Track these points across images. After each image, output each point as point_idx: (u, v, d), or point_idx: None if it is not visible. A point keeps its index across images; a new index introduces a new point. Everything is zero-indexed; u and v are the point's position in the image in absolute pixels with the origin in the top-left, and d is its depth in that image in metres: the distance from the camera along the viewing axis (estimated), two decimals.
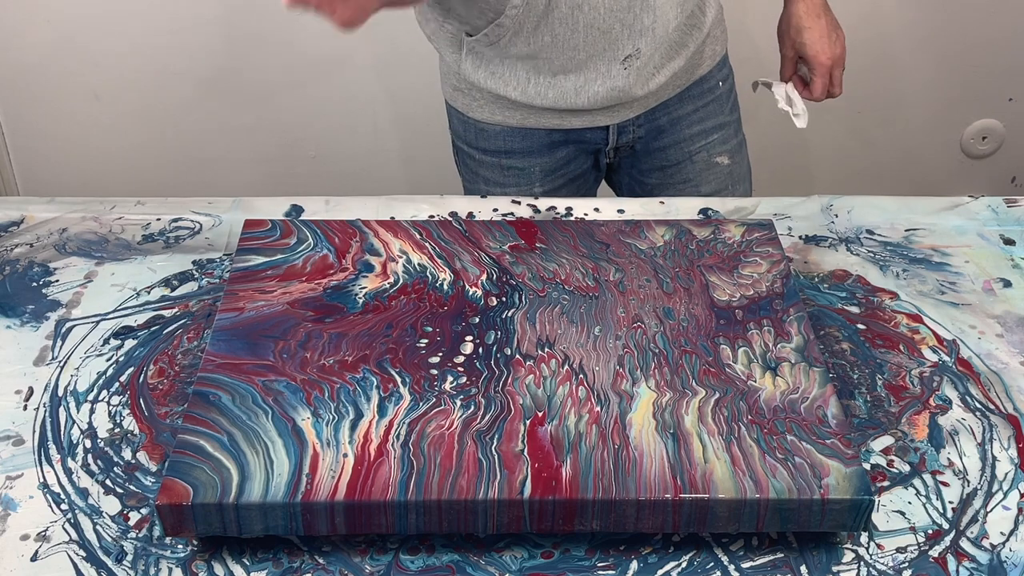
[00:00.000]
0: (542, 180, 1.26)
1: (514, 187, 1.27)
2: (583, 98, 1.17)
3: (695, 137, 1.26)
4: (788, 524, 0.74)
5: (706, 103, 1.26)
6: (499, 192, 1.28)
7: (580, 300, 0.90)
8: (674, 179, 1.29)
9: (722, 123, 1.28)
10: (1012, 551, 0.76)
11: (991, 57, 1.89)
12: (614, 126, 1.23)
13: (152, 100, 1.85)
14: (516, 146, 1.24)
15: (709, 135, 1.27)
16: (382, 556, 0.76)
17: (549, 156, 1.25)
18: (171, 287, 1.01)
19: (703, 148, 1.27)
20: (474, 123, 1.24)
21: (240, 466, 0.74)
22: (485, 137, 1.25)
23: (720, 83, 1.27)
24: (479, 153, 1.27)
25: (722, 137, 1.28)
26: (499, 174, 1.27)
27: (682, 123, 1.25)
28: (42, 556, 0.75)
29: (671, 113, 1.24)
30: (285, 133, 1.91)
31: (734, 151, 1.30)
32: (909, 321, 0.97)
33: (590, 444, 0.76)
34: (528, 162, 1.25)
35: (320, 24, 1.92)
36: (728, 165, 1.29)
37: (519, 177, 1.26)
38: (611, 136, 1.24)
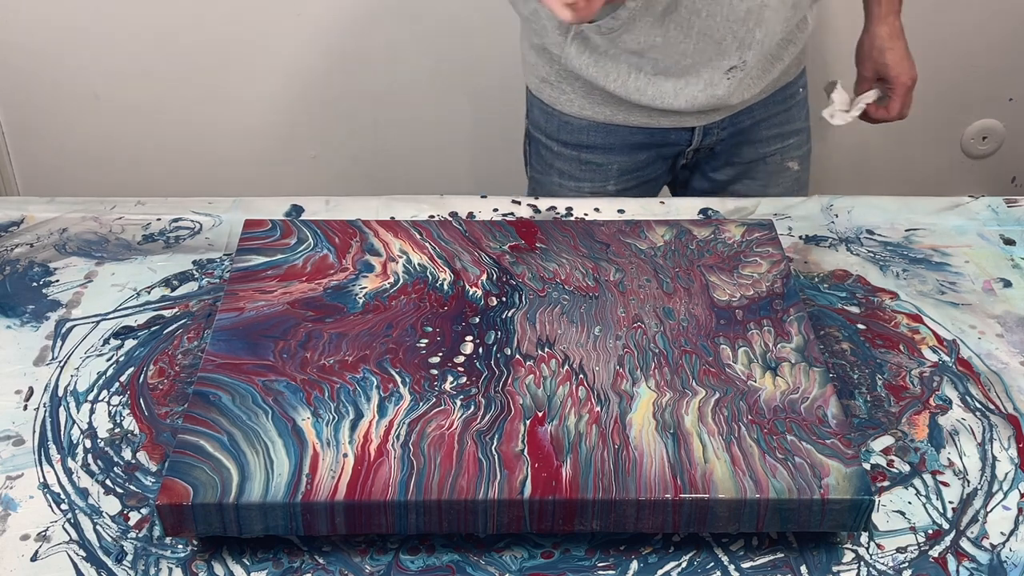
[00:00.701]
0: (617, 179, 1.27)
1: (588, 182, 1.27)
2: (681, 100, 1.17)
3: (771, 140, 1.27)
4: (788, 524, 0.74)
5: (787, 108, 1.27)
6: (572, 186, 1.28)
7: (580, 300, 0.90)
8: (743, 177, 1.29)
9: (798, 129, 1.29)
10: (1012, 551, 0.76)
11: (991, 57, 1.89)
12: (700, 128, 1.23)
13: (152, 100, 1.85)
14: (598, 142, 1.24)
15: (786, 139, 1.28)
16: (382, 556, 0.76)
17: (629, 156, 1.25)
18: (171, 287, 1.01)
19: (777, 152, 1.28)
20: (558, 115, 1.24)
21: (240, 466, 0.74)
22: (568, 130, 1.25)
23: (801, 89, 1.28)
24: (558, 145, 1.27)
25: (797, 143, 1.30)
26: (576, 168, 1.27)
27: (762, 125, 1.26)
28: (42, 556, 0.75)
29: (755, 116, 1.25)
30: (285, 133, 1.91)
31: (804, 158, 1.32)
32: (909, 321, 0.97)
33: (590, 444, 0.76)
34: (607, 159, 1.25)
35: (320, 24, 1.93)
36: (797, 171, 1.30)
37: (595, 173, 1.26)
38: (695, 138, 1.24)
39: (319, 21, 1.79)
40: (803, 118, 1.30)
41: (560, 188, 1.29)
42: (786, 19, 1.15)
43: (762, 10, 1.11)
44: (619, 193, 1.28)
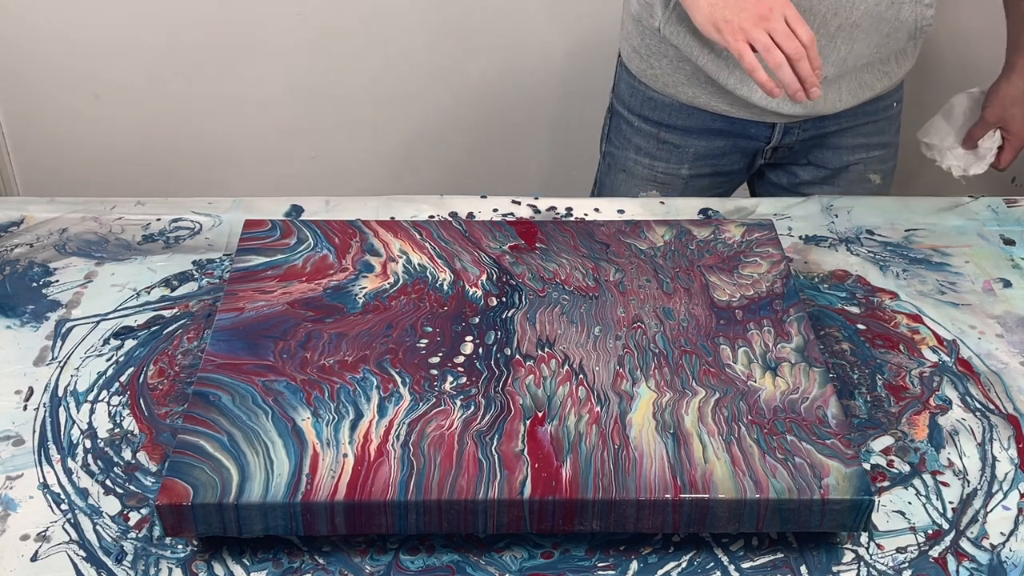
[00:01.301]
0: (692, 162, 1.27)
1: (663, 162, 1.27)
2: (758, 94, 1.17)
3: (857, 149, 1.27)
4: (788, 524, 0.74)
5: (878, 120, 1.27)
6: (646, 163, 1.28)
7: (580, 300, 0.90)
8: (824, 182, 1.29)
9: (886, 143, 1.29)
10: (1012, 551, 0.76)
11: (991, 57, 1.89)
12: (781, 124, 1.23)
13: (152, 100, 1.85)
14: (679, 122, 1.24)
15: (871, 151, 1.28)
16: (382, 556, 0.76)
17: (707, 141, 1.25)
18: (171, 287, 1.01)
19: (861, 162, 1.28)
20: (644, 89, 1.25)
21: (240, 466, 0.74)
22: (651, 106, 1.25)
23: (895, 104, 1.28)
24: (639, 120, 1.27)
25: (882, 156, 1.29)
26: (654, 145, 1.27)
27: (847, 132, 1.26)
28: (42, 556, 0.75)
29: (840, 123, 1.24)
30: (285, 133, 1.91)
31: (887, 173, 1.31)
32: (909, 321, 0.97)
33: (590, 444, 0.76)
34: (685, 140, 1.25)
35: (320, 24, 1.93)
36: (879, 185, 1.30)
37: (671, 153, 1.27)
38: (775, 135, 1.24)
39: (319, 21, 1.79)
40: (892, 132, 1.30)
41: (635, 165, 1.29)
42: (877, 46, 1.15)
43: (853, 30, 1.11)
44: (692, 179, 1.27)
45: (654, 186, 1.29)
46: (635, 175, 1.29)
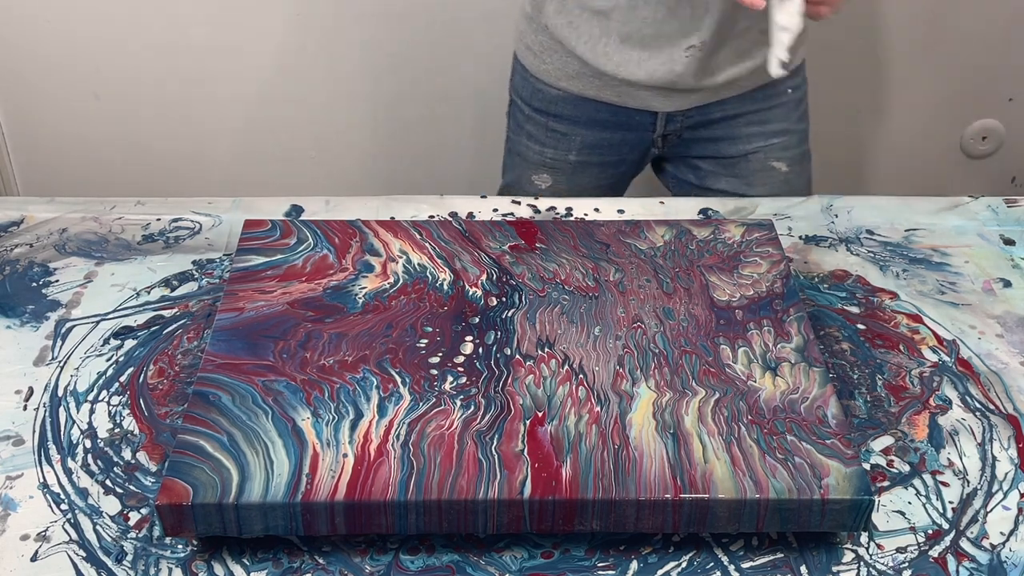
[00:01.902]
0: (579, 151, 1.32)
1: (552, 148, 1.33)
2: (642, 72, 1.22)
3: (753, 137, 1.29)
4: (788, 524, 0.74)
5: (771, 107, 1.28)
6: (536, 149, 1.34)
7: (580, 300, 0.90)
8: (727, 172, 1.31)
9: (784, 129, 1.30)
10: (1012, 551, 0.76)
11: (991, 57, 1.89)
12: (663, 114, 1.27)
13: (152, 100, 1.85)
14: (565, 112, 1.30)
15: (768, 138, 1.29)
16: (382, 556, 0.76)
17: (592, 131, 1.30)
18: (171, 287, 1.01)
19: (761, 150, 1.29)
20: (533, 81, 1.31)
21: (240, 466, 0.74)
22: (540, 97, 1.31)
23: (790, 90, 1.29)
24: (529, 109, 1.33)
25: (783, 143, 1.30)
26: (543, 133, 1.33)
27: (740, 121, 1.28)
28: (42, 556, 0.75)
29: (727, 110, 1.27)
30: (285, 133, 1.91)
31: (794, 160, 1.32)
32: (909, 321, 0.97)
33: (590, 444, 0.76)
34: (572, 129, 1.31)
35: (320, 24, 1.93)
36: (786, 172, 1.31)
37: (559, 141, 1.32)
38: (659, 124, 1.28)
39: (319, 21, 1.79)
40: (793, 120, 1.30)
41: (527, 150, 1.36)
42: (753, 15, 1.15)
43: None
44: (580, 164, 1.33)
45: (545, 170, 1.35)
46: (528, 159, 1.36)
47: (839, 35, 1.84)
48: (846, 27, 1.84)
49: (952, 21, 1.84)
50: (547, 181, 1.35)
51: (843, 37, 1.84)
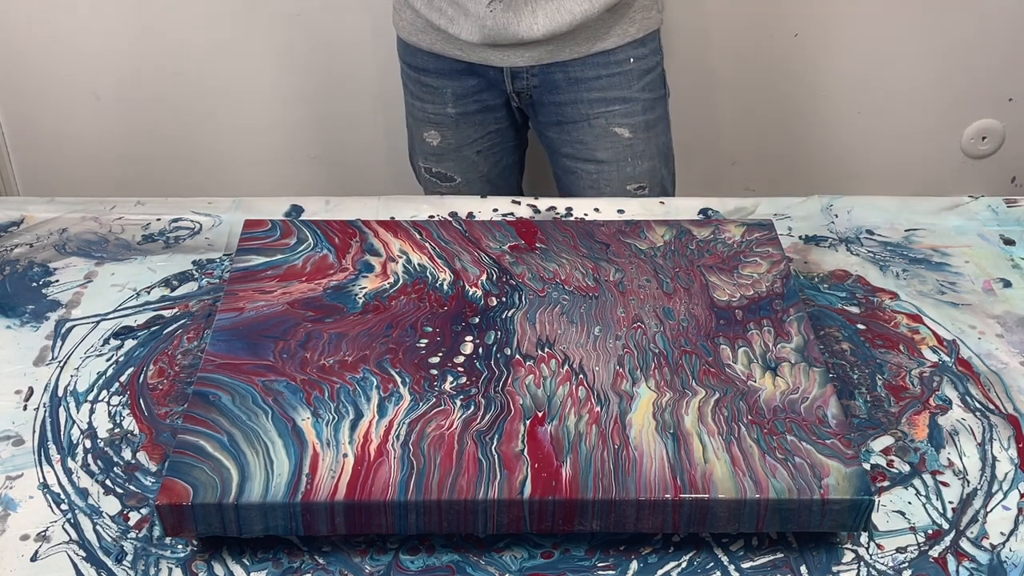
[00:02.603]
0: (454, 102, 1.38)
1: (431, 103, 1.40)
2: (463, 31, 1.28)
3: (594, 103, 1.34)
4: (788, 524, 0.74)
5: (611, 74, 1.33)
6: (419, 106, 1.42)
7: (580, 300, 0.90)
8: (571, 137, 1.37)
9: (626, 97, 1.34)
10: (1012, 551, 0.76)
11: (991, 57, 1.89)
12: (507, 69, 1.32)
13: (152, 100, 1.85)
14: (431, 66, 1.37)
15: (610, 104, 1.34)
16: (382, 556, 0.76)
17: (459, 81, 1.36)
18: (171, 287, 1.01)
19: (602, 115, 1.34)
20: (403, 41, 1.38)
21: (240, 466, 0.74)
22: (411, 53, 1.39)
23: (632, 59, 1.33)
24: (407, 68, 1.42)
25: (624, 111, 1.34)
26: (420, 89, 1.41)
27: (581, 86, 1.33)
28: (42, 556, 0.75)
29: (568, 73, 1.32)
30: (285, 133, 1.91)
31: (639, 128, 1.36)
32: (909, 321, 0.97)
33: (590, 444, 0.76)
34: (441, 83, 1.37)
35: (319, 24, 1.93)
36: (629, 139, 1.35)
37: (434, 95, 1.39)
38: (506, 79, 1.34)
39: (319, 21, 1.79)
40: (636, 88, 1.34)
41: (412, 107, 1.44)
42: None
43: None
44: (461, 116, 1.39)
45: (432, 126, 1.42)
46: (416, 117, 1.44)
47: (839, 35, 1.84)
48: (846, 27, 1.84)
49: (952, 21, 1.84)
50: (436, 137, 1.41)
51: (843, 37, 1.84)
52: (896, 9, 1.83)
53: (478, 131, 1.41)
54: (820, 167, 2.01)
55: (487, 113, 1.40)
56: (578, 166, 1.38)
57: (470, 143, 1.42)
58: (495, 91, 1.37)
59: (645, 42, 1.34)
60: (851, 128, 1.97)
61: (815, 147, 1.99)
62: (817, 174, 2.02)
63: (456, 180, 1.46)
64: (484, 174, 1.46)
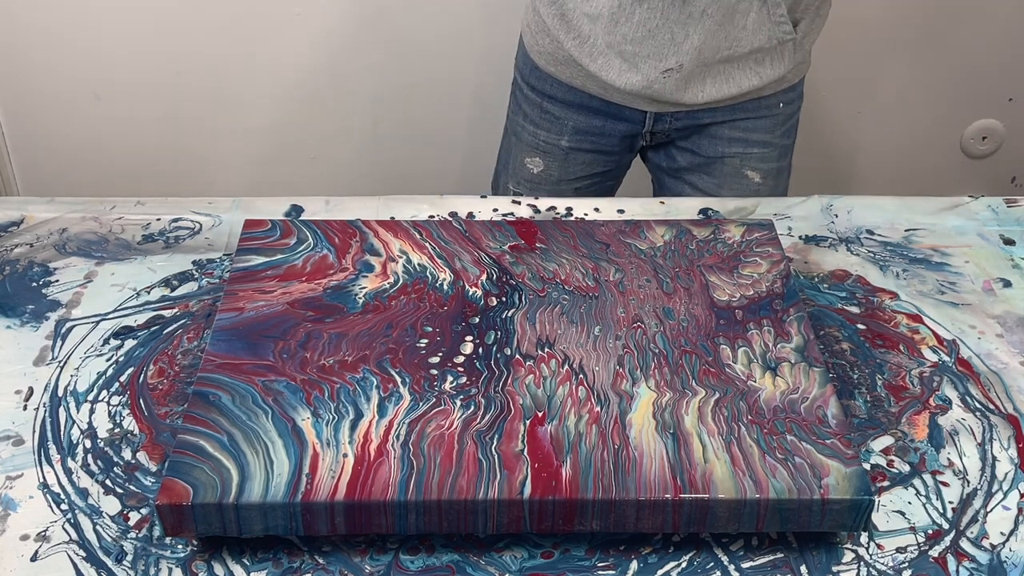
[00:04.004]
0: (571, 135, 1.33)
1: (545, 131, 1.35)
2: (622, 82, 1.24)
3: (734, 142, 1.29)
4: (788, 524, 0.74)
5: (759, 116, 1.29)
6: (531, 130, 1.36)
7: (580, 300, 0.90)
8: (701, 168, 1.32)
9: (767, 141, 1.30)
10: (1012, 551, 0.76)
11: (991, 57, 1.89)
12: (651, 113, 1.28)
13: (152, 100, 1.85)
14: (559, 94, 1.31)
15: (749, 147, 1.30)
16: (382, 556, 0.76)
17: (584, 117, 1.31)
18: (171, 287, 1.01)
19: (738, 156, 1.30)
20: (532, 61, 1.33)
21: (240, 466, 0.74)
22: (537, 76, 1.33)
23: (781, 104, 1.30)
24: (527, 88, 1.35)
25: (762, 155, 1.31)
26: (537, 113, 1.35)
27: (725, 125, 1.29)
28: (42, 556, 0.75)
29: (716, 116, 1.28)
30: (285, 133, 1.91)
31: (769, 174, 1.32)
32: (909, 321, 0.97)
33: (590, 444, 0.76)
34: (564, 113, 1.32)
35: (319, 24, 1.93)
36: (758, 184, 1.31)
37: (552, 123, 1.34)
38: (648, 121, 1.29)
39: (319, 21, 1.79)
40: (778, 134, 1.31)
41: (522, 130, 1.38)
42: (729, 38, 1.19)
43: (703, 18, 1.17)
44: (572, 151, 1.34)
45: (537, 153, 1.37)
46: (522, 140, 1.38)
47: (839, 35, 1.84)
48: (846, 27, 1.84)
49: (952, 21, 1.84)
50: (539, 165, 1.37)
51: (843, 37, 1.84)
52: (896, 10, 1.83)
53: (584, 169, 1.36)
54: (820, 167, 2.02)
55: (599, 154, 1.35)
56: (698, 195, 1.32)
57: (571, 179, 1.37)
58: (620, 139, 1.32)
59: (796, 87, 1.31)
60: (851, 128, 1.97)
61: (815, 147, 1.99)
62: (817, 174, 2.02)
63: None
64: None
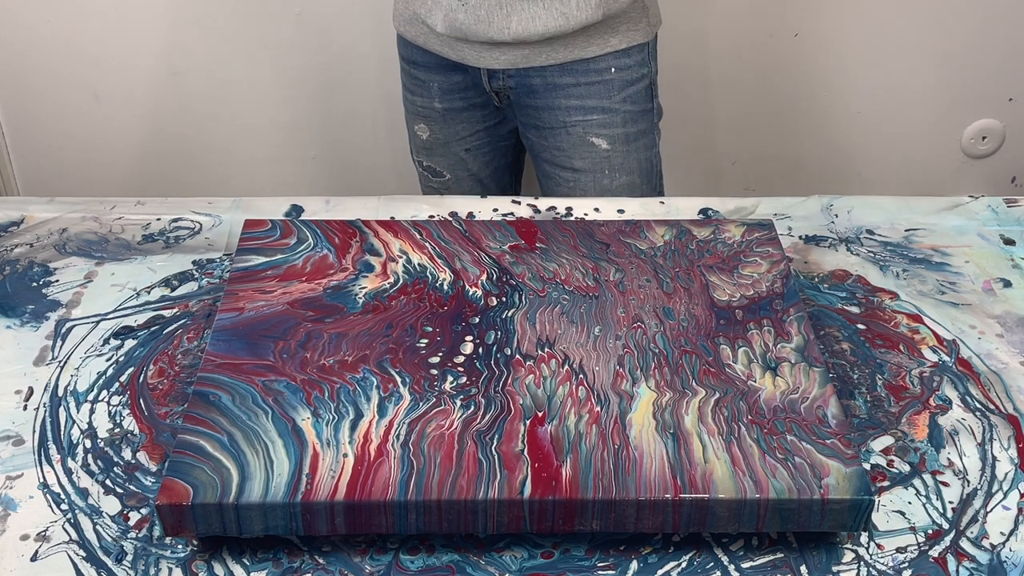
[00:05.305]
0: (440, 97, 1.39)
1: (420, 96, 1.41)
2: (437, 20, 1.28)
3: (572, 110, 1.33)
4: (788, 524, 0.74)
5: (591, 82, 1.32)
6: (409, 98, 1.43)
7: (580, 300, 0.90)
8: (548, 142, 1.36)
9: (605, 107, 1.33)
10: (1012, 551, 0.76)
11: (991, 57, 1.89)
12: (484, 70, 1.32)
13: (152, 100, 1.85)
14: (420, 59, 1.38)
15: (588, 113, 1.33)
16: (382, 556, 0.76)
17: (445, 76, 1.37)
18: (171, 287, 1.01)
19: (579, 124, 1.33)
20: (398, 33, 1.40)
21: (240, 466, 0.74)
22: (403, 45, 1.41)
23: (613, 69, 1.32)
24: (401, 60, 1.43)
25: (602, 120, 1.33)
26: (410, 82, 1.42)
27: (559, 92, 1.32)
28: (42, 556, 0.75)
29: (546, 78, 1.32)
30: (285, 133, 1.91)
31: (617, 139, 1.34)
32: (909, 321, 0.97)
33: (590, 444, 0.76)
34: (428, 76, 1.38)
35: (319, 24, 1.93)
36: (607, 150, 1.34)
37: (422, 88, 1.40)
38: (483, 79, 1.34)
39: (319, 21, 1.79)
40: (617, 99, 1.33)
41: (407, 101, 1.45)
42: None
43: None
44: (448, 112, 1.40)
45: (421, 120, 1.43)
46: (409, 111, 1.45)
47: (838, 35, 1.84)
48: (846, 27, 1.84)
49: (952, 21, 1.84)
50: (425, 131, 1.42)
51: (843, 37, 1.84)
52: (896, 9, 1.83)
53: (465, 128, 1.41)
54: (820, 167, 2.01)
55: (473, 111, 1.39)
56: (556, 172, 1.38)
57: (458, 139, 1.42)
58: (474, 91, 1.37)
59: (629, 53, 1.32)
60: (851, 128, 1.97)
61: (815, 147, 1.99)
62: (817, 174, 2.02)
63: (445, 176, 1.46)
64: (474, 173, 1.46)
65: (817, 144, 1.99)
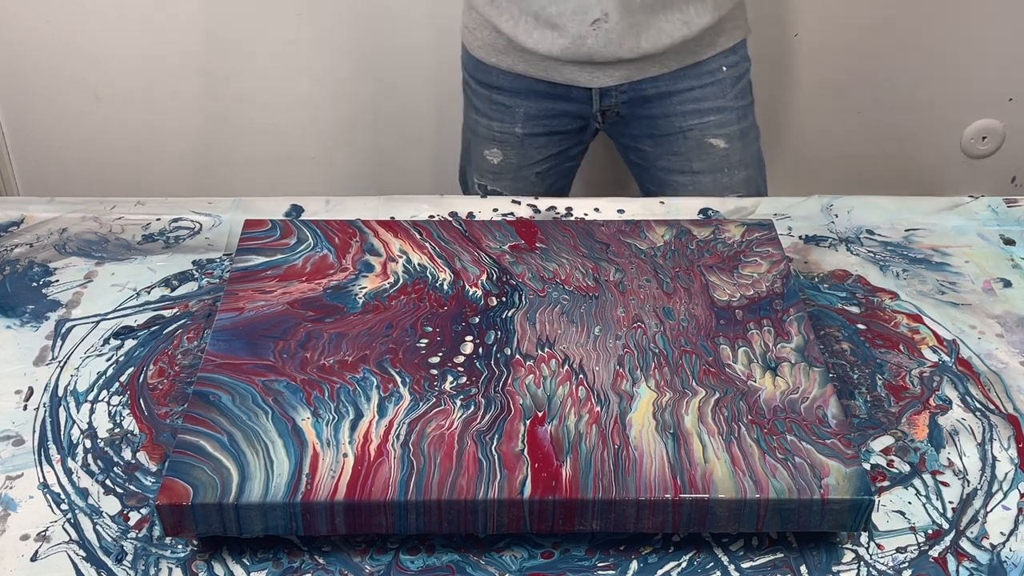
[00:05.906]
0: (524, 122, 1.37)
1: (498, 122, 1.40)
2: (557, 48, 1.27)
3: (688, 115, 1.33)
4: (788, 524, 0.74)
5: (703, 84, 1.32)
6: (484, 123, 1.41)
7: (580, 300, 0.90)
8: (664, 149, 1.36)
9: (721, 107, 1.33)
10: (1012, 551, 0.76)
11: (991, 57, 1.89)
12: (596, 90, 1.32)
13: (152, 100, 1.85)
14: (507, 85, 1.36)
15: (704, 115, 1.33)
16: (382, 556, 0.76)
17: (534, 102, 1.35)
18: (171, 287, 1.01)
19: (696, 127, 1.33)
20: (475, 58, 1.37)
21: (240, 466, 0.74)
22: (484, 72, 1.37)
23: (724, 68, 1.33)
24: (475, 83, 1.40)
25: (719, 120, 1.34)
26: (488, 106, 1.40)
27: (674, 98, 1.32)
28: (42, 556, 0.75)
29: (659, 87, 1.32)
30: (285, 133, 1.91)
31: (733, 137, 1.35)
32: (909, 321, 0.97)
33: (590, 444, 0.76)
34: (514, 102, 1.36)
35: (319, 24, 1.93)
36: (725, 149, 1.34)
37: (503, 113, 1.39)
38: (594, 99, 1.33)
39: (319, 21, 1.79)
40: (729, 97, 1.34)
41: (477, 124, 1.43)
42: None
43: None
44: (527, 137, 1.39)
45: (495, 144, 1.41)
46: (479, 134, 1.43)
47: (839, 35, 1.84)
48: (846, 27, 1.84)
49: (952, 21, 1.84)
50: (498, 156, 1.41)
51: (843, 37, 1.84)
52: (896, 9, 1.83)
53: (542, 153, 1.40)
54: (820, 167, 2.02)
55: (553, 135, 1.39)
56: (673, 178, 1.37)
57: (531, 164, 1.41)
58: (572, 119, 1.36)
59: (736, 50, 1.34)
60: (851, 128, 1.97)
61: (815, 147, 1.99)
62: (817, 174, 2.02)
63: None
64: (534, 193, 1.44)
65: (817, 144, 1.99)
